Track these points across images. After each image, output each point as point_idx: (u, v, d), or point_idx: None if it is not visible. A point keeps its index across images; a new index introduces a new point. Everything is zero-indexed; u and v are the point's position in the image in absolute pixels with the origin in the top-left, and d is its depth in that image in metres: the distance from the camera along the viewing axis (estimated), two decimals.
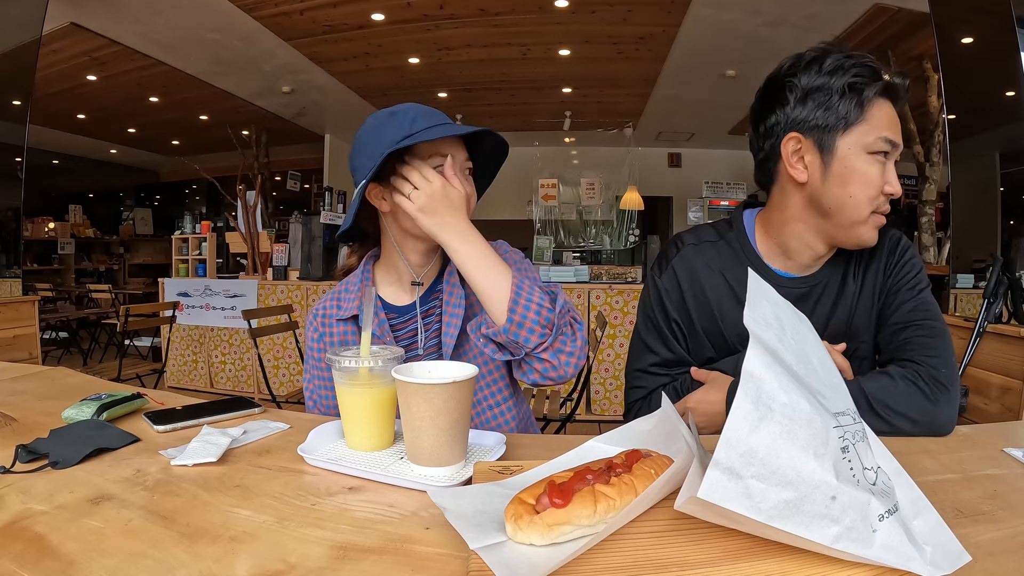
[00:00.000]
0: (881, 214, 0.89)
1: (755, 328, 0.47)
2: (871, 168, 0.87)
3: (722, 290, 0.97)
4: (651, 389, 0.99)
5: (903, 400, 0.77)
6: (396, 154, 0.90)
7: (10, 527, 0.52)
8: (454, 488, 0.59)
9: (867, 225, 0.89)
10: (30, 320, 3.44)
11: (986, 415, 2.40)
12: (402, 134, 0.89)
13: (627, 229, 6.10)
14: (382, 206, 0.97)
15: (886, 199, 0.88)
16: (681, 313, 0.98)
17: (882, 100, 0.88)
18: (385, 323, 0.98)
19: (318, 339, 1.02)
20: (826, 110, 0.88)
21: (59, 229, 8.20)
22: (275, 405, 1.67)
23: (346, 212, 1.04)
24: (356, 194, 0.95)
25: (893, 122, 0.89)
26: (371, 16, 4.24)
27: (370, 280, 1.02)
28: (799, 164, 0.91)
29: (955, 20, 3.40)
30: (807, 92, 0.89)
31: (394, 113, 0.93)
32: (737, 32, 4.25)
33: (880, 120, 0.87)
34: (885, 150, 0.87)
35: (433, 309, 1.01)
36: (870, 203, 0.87)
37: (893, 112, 0.89)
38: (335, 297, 1.03)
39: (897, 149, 0.89)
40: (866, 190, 0.87)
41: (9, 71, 3.65)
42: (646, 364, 1.00)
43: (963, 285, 3.65)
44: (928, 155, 4.57)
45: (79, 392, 0.94)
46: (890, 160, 0.88)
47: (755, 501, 0.42)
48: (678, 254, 1.01)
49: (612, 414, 3.97)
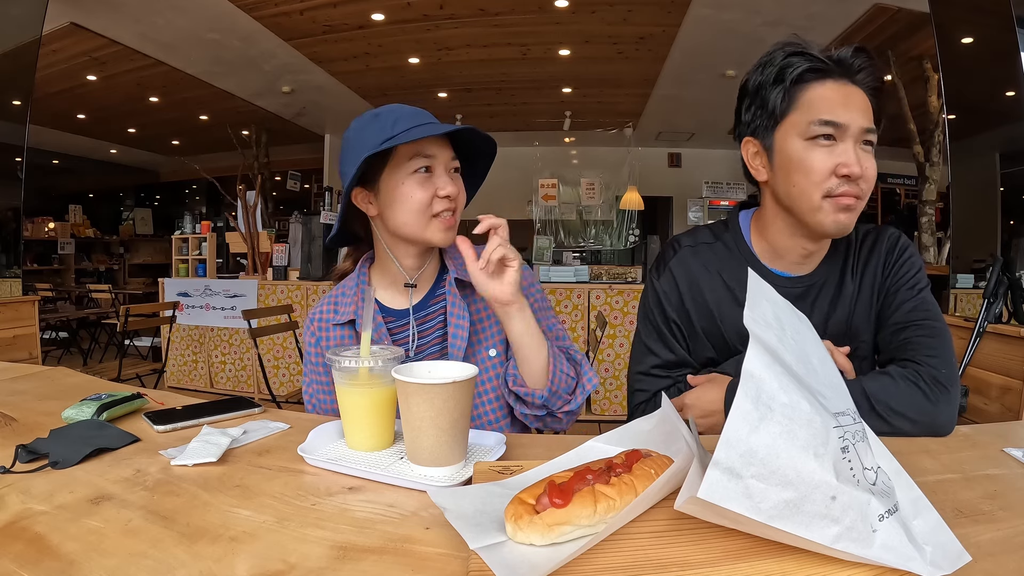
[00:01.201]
0: (844, 196, 0.85)
1: (755, 328, 0.47)
2: (809, 155, 0.86)
3: (720, 291, 0.97)
4: (653, 392, 0.99)
5: (903, 400, 0.77)
6: (382, 156, 0.91)
7: (10, 527, 0.52)
8: (454, 488, 0.59)
9: (823, 211, 0.87)
10: (30, 320, 3.44)
11: (986, 415, 2.40)
12: (383, 136, 0.88)
13: (627, 229, 6.09)
14: (369, 210, 0.96)
15: (842, 181, 0.84)
16: (681, 315, 0.98)
17: (820, 82, 0.86)
18: (383, 327, 0.97)
19: (315, 344, 1.01)
20: (761, 108, 0.90)
21: (59, 229, 8.20)
22: (275, 405, 1.68)
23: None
24: (342, 199, 0.95)
25: (835, 102, 0.85)
26: (371, 16, 4.24)
27: (367, 283, 1.01)
28: (758, 165, 0.93)
29: (955, 20, 3.40)
30: (751, 95, 0.92)
31: (377, 115, 0.92)
32: (737, 32, 4.25)
33: (815, 104, 0.86)
34: (824, 133, 0.85)
35: (432, 316, 1.00)
36: (817, 189, 0.86)
37: (840, 90, 0.86)
38: (331, 301, 1.02)
39: (845, 128, 0.84)
40: (808, 177, 0.86)
41: (9, 71, 3.65)
42: (648, 367, 1.00)
43: (963, 285, 3.64)
44: (928, 155, 4.58)
45: (79, 392, 0.94)
46: (843, 140, 0.85)
47: (755, 501, 0.42)
48: (675, 256, 1.00)
49: (612, 414, 3.97)
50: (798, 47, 0.88)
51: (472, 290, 0.98)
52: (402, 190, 0.91)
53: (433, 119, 0.94)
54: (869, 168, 0.85)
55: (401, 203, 0.91)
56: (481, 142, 0.97)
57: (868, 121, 0.85)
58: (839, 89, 0.86)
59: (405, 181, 0.91)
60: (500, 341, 0.99)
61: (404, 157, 0.91)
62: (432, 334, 1.00)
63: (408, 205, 0.91)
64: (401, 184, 0.91)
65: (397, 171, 0.91)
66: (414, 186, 0.91)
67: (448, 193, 0.91)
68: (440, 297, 1.00)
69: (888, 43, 4.35)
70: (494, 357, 0.98)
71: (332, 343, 0.99)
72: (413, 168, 0.91)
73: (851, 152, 0.84)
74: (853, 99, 0.86)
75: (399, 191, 0.91)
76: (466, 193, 0.99)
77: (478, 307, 1.00)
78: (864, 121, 0.85)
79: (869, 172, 0.85)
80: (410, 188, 0.91)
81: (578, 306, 4.01)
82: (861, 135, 0.85)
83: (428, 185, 0.91)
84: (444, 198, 0.91)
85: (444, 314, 0.99)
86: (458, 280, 0.99)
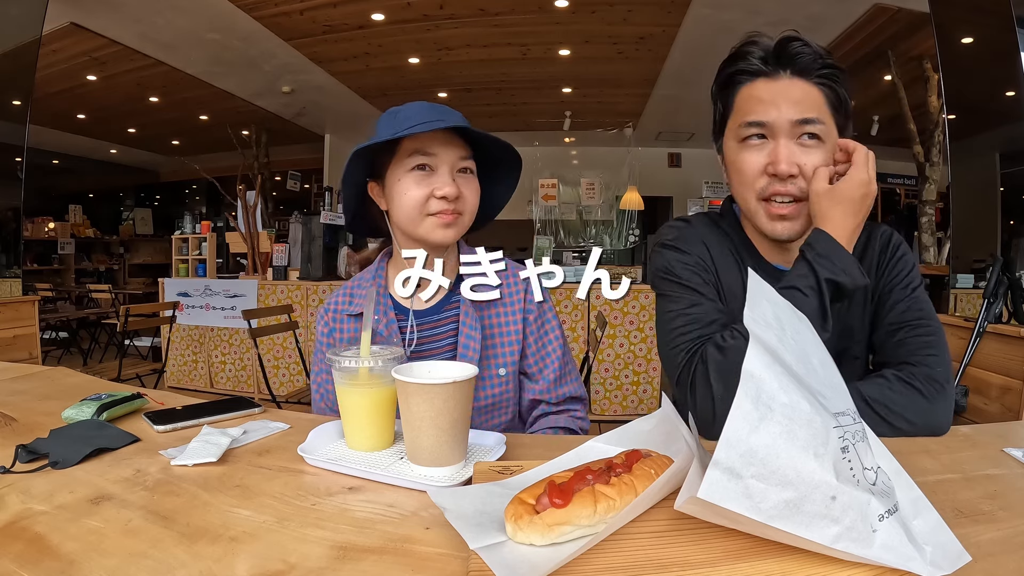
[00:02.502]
0: (777, 202, 0.83)
1: (755, 328, 0.47)
2: (739, 156, 0.86)
3: (729, 258, 0.93)
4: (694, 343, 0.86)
5: (900, 401, 0.77)
6: (390, 151, 0.92)
7: (10, 527, 0.52)
8: (454, 488, 0.58)
9: (759, 215, 0.86)
10: (30, 320, 3.44)
11: (986, 415, 2.40)
12: (391, 133, 0.89)
13: (627, 229, 6.09)
14: (381, 203, 0.97)
15: (772, 179, 0.83)
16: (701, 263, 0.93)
17: (751, 83, 0.85)
18: (394, 323, 0.96)
19: (328, 333, 1.01)
20: (714, 115, 0.91)
21: (59, 229, 8.20)
22: (275, 405, 1.68)
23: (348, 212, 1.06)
24: (346, 189, 0.97)
25: (762, 100, 0.83)
26: (371, 16, 4.24)
27: (383, 276, 1.01)
28: (723, 169, 0.95)
29: (955, 20, 3.41)
30: (712, 102, 0.93)
31: (396, 112, 0.93)
32: (737, 32, 4.20)
33: (743, 106, 0.85)
34: (751, 134, 0.84)
35: (443, 322, 0.98)
36: (750, 190, 0.85)
37: (770, 87, 0.83)
38: (347, 292, 1.03)
39: (771, 125, 0.81)
40: (740, 179, 0.86)
41: (9, 71, 3.66)
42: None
43: (963, 285, 3.65)
44: (928, 155, 4.58)
45: (79, 392, 0.94)
46: (776, 138, 0.82)
47: (755, 501, 0.42)
48: (688, 225, 0.97)
49: (612, 414, 3.97)
50: (738, 48, 0.86)
51: (486, 305, 0.97)
52: (399, 186, 0.92)
53: (448, 116, 0.91)
54: (807, 163, 0.81)
55: (398, 199, 0.92)
56: (497, 146, 0.96)
57: (803, 112, 0.81)
58: (769, 86, 0.83)
59: (403, 178, 0.92)
60: (512, 362, 0.97)
61: (405, 153, 0.91)
62: (443, 340, 0.97)
63: (403, 201, 0.92)
64: (399, 180, 0.92)
65: (398, 167, 0.92)
66: (410, 183, 0.91)
67: (445, 194, 0.90)
68: (454, 304, 0.98)
69: (888, 43, 4.35)
70: (503, 376, 0.97)
71: (346, 334, 0.99)
72: (411, 165, 0.91)
73: (779, 149, 0.82)
74: (787, 93, 0.82)
75: (397, 187, 0.92)
76: (491, 197, 1.00)
77: (491, 323, 0.98)
78: (796, 113, 0.81)
79: (808, 167, 0.81)
80: (406, 185, 0.91)
81: (578, 306, 4.01)
82: (795, 129, 0.82)
83: (425, 183, 0.91)
84: (441, 199, 0.91)
85: (456, 323, 0.97)
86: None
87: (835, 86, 0.83)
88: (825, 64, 0.83)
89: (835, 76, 0.83)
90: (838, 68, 0.84)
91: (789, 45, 0.83)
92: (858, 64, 4.61)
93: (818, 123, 0.82)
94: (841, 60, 3.37)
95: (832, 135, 0.83)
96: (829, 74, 0.83)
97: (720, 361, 0.77)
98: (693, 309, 0.86)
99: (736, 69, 0.86)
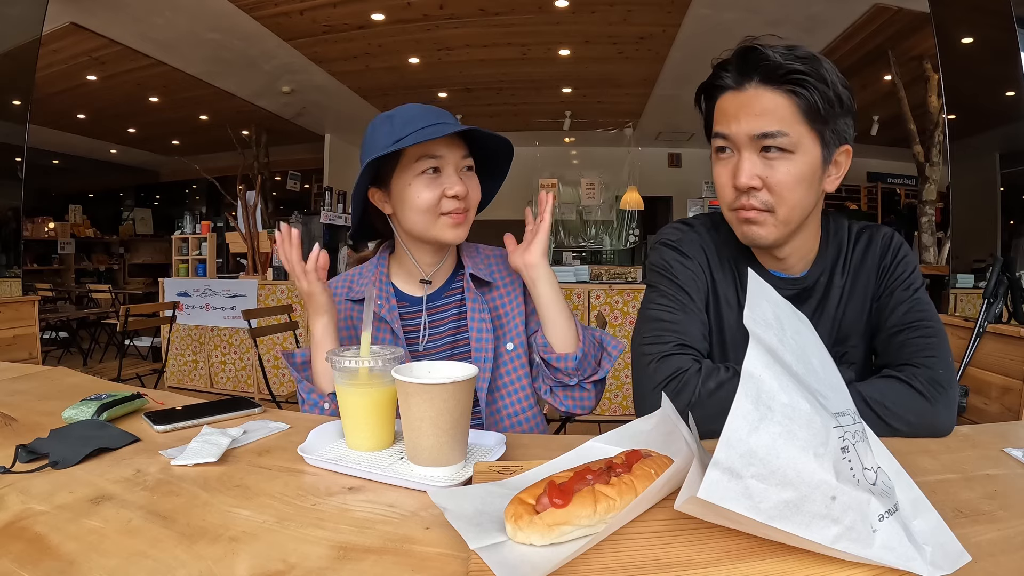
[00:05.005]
0: (745, 211, 0.83)
1: (755, 328, 0.47)
2: (714, 168, 0.87)
3: (726, 266, 0.94)
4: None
5: (901, 403, 0.77)
6: (393, 157, 0.92)
7: (10, 527, 0.52)
8: (454, 488, 0.59)
9: (734, 223, 0.87)
10: (30, 320, 3.44)
11: (986, 415, 2.40)
12: (393, 138, 0.90)
13: (627, 229, 6.10)
14: (385, 208, 0.99)
15: (739, 194, 0.83)
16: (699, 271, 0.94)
17: (721, 97, 0.84)
18: (396, 309, 0.99)
19: None
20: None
21: (59, 229, 8.20)
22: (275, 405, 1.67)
23: (349, 213, 1.08)
24: (353, 198, 0.97)
25: (726, 114, 0.82)
26: (371, 16, 4.24)
27: (385, 269, 1.03)
28: None
29: (955, 20, 3.40)
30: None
31: (391, 117, 0.94)
32: (737, 32, 4.22)
33: (716, 117, 0.85)
34: (719, 146, 0.84)
35: (445, 307, 1.02)
36: (724, 203, 0.87)
37: (735, 100, 0.82)
38: (347, 280, 1.06)
39: (732, 139, 0.81)
40: (719, 194, 0.87)
41: (9, 71, 3.65)
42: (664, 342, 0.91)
43: (963, 285, 3.65)
44: (928, 155, 4.58)
45: (79, 392, 0.94)
46: (742, 152, 0.81)
47: (755, 501, 0.42)
48: (691, 230, 0.97)
49: (612, 414, 3.97)
50: (719, 60, 0.85)
51: (487, 287, 1.02)
52: (410, 191, 0.93)
53: (445, 118, 0.94)
54: (770, 176, 0.80)
55: (410, 203, 0.93)
56: (494, 141, 0.98)
57: (764, 126, 0.79)
58: (735, 99, 0.82)
59: (412, 182, 0.93)
60: (518, 335, 1.01)
61: (412, 158, 0.92)
62: (444, 325, 1.01)
63: (416, 205, 0.93)
64: (409, 185, 0.93)
65: (405, 172, 0.93)
66: (421, 187, 0.92)
67: (456, 193, 0.92)
68: (455, 291, 1.03)
69: (888, 43, 4.35)
70: (511, 351, 1.01)
71: (342, 314, 1.01)
72: (420, 169, 0.92)
73: (741, 163, 0.81)
74: (750, 106, 0.80)
75: (407, 192, 0.93)
76: (484, 191, 1.01)
77: (494, 304, 1.02)
78: (755, 127, 0.79)
79: (771, 180, 0.80)
80: (417, 189, 0.93)
81: (578, 306, 4.01)
82: (755, 143, 0.80)
83: (435, 185, 0.93)
84: (452, 198, 0.93)
85: (457, 308, 1.01)
86: (473, 277, 1.01)
87: (806, 91, 0.78)
88: (790, 70, 0.78)
89: (803, 81, 0.78)
90: (806, 73, 0.78)
91: (750, 54, 0.81)
92: (858, 64, 4.60)
93: (780, 136, 0.79)
94: (841, 60, 3.35)
95: (805, 144, 0.80)
96: (797, 79, 0.78)
97: (702, 393, 0.79)
98: (678, 315, 0.88)
99: (708, 82, 0.87)
